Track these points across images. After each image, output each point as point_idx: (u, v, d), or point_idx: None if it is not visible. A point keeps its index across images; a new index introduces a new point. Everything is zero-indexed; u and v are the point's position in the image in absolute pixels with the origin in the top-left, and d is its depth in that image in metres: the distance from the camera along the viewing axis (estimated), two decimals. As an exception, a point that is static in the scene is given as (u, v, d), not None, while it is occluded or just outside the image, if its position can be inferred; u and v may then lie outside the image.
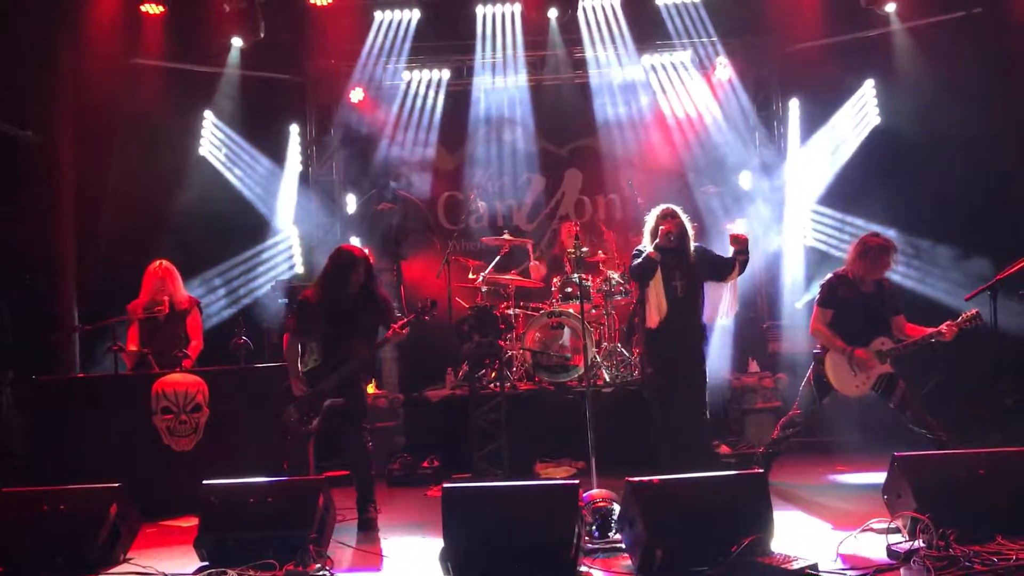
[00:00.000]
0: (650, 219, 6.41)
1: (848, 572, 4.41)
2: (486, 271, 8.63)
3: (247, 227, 9.43)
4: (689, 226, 6.36)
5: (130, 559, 5.22)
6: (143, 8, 8.73)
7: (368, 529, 5.88)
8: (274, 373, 6.55)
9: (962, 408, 7.44)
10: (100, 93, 8.53)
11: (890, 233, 8.62)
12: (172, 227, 8.64)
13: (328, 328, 5.94)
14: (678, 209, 6.36)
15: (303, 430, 5.92)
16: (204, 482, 5.06)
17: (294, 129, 9.81)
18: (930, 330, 6.11)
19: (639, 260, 6.30)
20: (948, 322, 6.05)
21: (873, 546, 4.74)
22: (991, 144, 8.30)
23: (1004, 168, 8.36)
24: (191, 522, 5.71)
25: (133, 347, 7.09)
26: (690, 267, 6.31)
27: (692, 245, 6.34)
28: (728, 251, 6.46)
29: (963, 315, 6.04)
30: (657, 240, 6.27)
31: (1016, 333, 7.55)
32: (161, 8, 8.75)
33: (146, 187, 8.70)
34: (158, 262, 7.18)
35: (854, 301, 6.28)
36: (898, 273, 8.57)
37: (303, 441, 6.13)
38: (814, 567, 4.38)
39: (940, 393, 7.65)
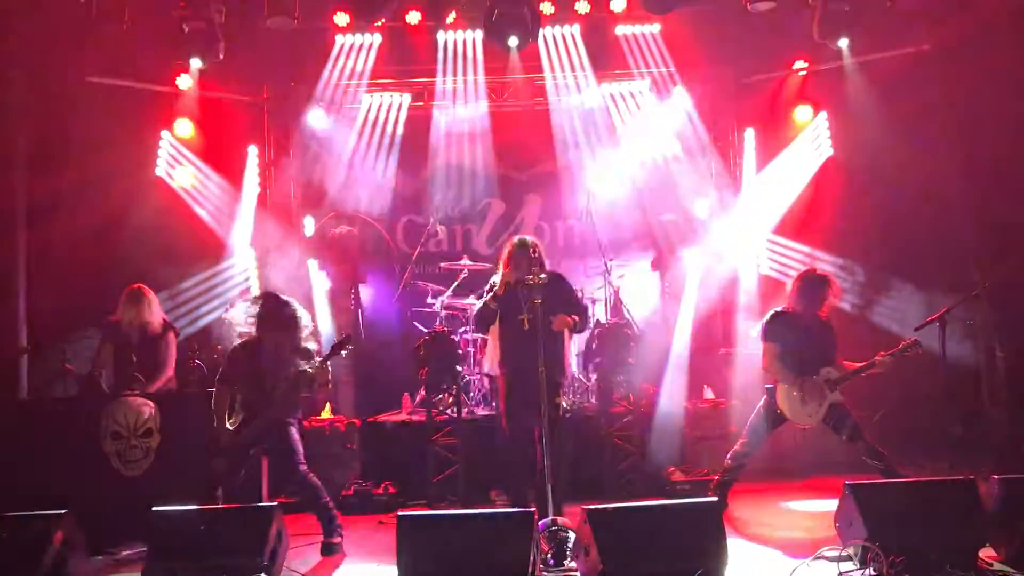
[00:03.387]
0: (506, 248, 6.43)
1: (800, 601, 4.46)
2: (445, 296, 8.62)
3: (203, 249, 9.31)
4: (545, 258, 6.32)
5: (76, 588, 5.11)
6: (100, 26, 8.62)
7: (329, 553, 5.85)
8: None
9: (911, 437, 7.57)
10: (55, 111, 8.41)
11: (840, 262, 8.91)
12: (127, 248, 8.50)
13: (251, 376, 5.95)
14: (531, 240, 6.32)
15: (233, 480, 5.80)
16: (154, 508, 4.98)
17: (252, 150, 9.72)
18: (865, 362, 6.28)
19: (478, 307, 6.30)
20: (881, 352, 6.22)
21: (826, 574, 4.79)
22: (938, 176, 8.49)
23: (951, 200, 8.55)
24: (140, 550, 5.61)
25: (100, 365, 6.97)
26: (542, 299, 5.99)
27: (543, 275, 5.99)
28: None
29: (902, 343, 6.22)
30: (497, 290, 6.25)
31: (963, 362, 7.73)
32: (119, 26, 8.65)
33: (101, 207, 8.56)
34: (136, 286, 7.06)
35: (797, 335, 6.45)
36: (848, 302, 8.75)
37: (255, 467, 6.08)
38: (767, 596, 4.43)
39: (889, 422, 7.77)
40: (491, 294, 6.31)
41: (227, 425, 5.88)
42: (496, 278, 6.37)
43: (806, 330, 6.47)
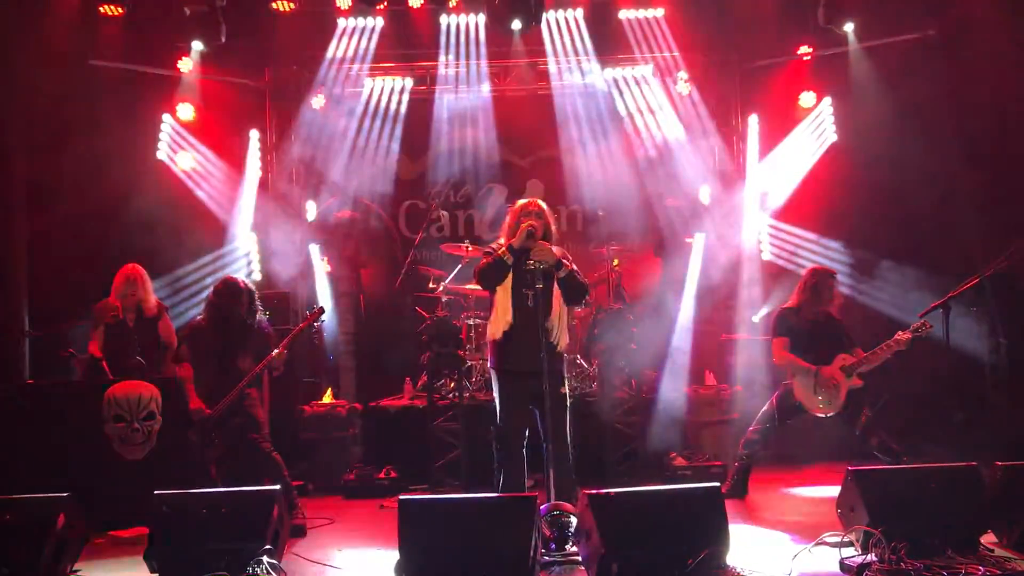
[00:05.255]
0: (511, 215, 5.82)
1: (801, 586, 4.46)
2: (446, 281, 8.60)
3: (205, 233, 9.28)
4: (554, 227, 5.79)
5: (78, 571, 5.13)
6: (102, 9, 8.60)
7: (299, 535, 5.87)
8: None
9: (914, 423, 7.58)
10: (57, 94, 8.38)
11: (843, 248, 8.91)
12: (128, 231, 8.46)
13: (216, 354, 6.30)
14: (544, 205, 5.85)
15: (207, 452, 6.13)
16: (156, 492, 4.98)
17: (254, 135, 9.68)
18: (884, 344, 6.30)
19: (488, 260, 5.57)
20: (900, 331, 6.26)
21: (827, 560, 4.80)
22: (943, 162, 8.45)
23: (955, 186, 8.52)
24: (142, 533, 5.61)
25: (96, 351, 6.96)
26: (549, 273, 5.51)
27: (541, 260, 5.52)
28: None
29: (915, 323, 6.25)
30: (513, 240, 5.59)
31: (966, 349, 7.72)
32: (120, 9, 8.62)
33: (102, 190, 8.55)
34: (130, 266, 7.06)
35: (805, 329, 6.54)
36: (852, 288, 8.74)
37: (205, 460, 6.19)
38: (768, 581, 4.43)
39: (892, 408, 7.77)
40: (505, 248, 5.59)
41: (197, 399, 6.23)
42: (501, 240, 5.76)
43: (813, 324, 6.57)
